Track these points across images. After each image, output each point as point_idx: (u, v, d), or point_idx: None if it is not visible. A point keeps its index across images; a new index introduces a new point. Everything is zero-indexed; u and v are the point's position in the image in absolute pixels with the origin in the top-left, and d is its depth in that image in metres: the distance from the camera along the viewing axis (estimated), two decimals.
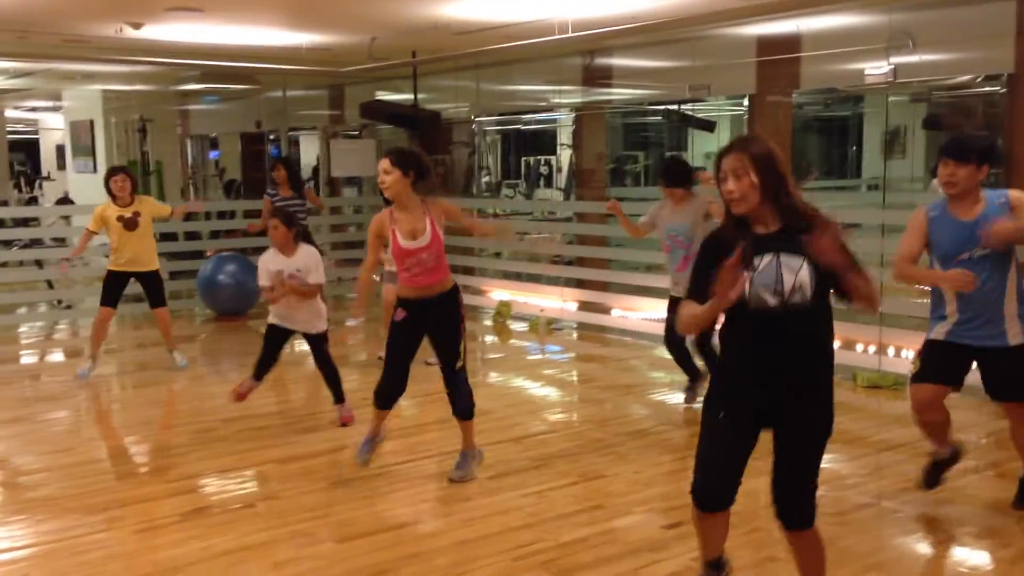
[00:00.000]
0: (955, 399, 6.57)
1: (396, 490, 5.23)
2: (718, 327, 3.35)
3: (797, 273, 3.08)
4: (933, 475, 4.93)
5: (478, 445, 5.36)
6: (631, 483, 5.25)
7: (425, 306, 5.04)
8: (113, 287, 7.87)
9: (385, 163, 4.91)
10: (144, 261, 7.79)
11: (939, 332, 4.54)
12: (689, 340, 6.51)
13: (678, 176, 6.52)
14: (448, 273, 5.08)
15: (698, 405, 6.63)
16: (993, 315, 4.35)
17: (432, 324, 5.10)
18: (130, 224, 7.68)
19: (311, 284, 6.09)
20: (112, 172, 7.92)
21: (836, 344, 3.34)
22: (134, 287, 8.00)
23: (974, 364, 4.57)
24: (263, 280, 6.07)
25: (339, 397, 6.41)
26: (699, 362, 6.60)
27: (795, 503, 3.33)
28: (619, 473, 5.40)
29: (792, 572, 3.89)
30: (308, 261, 6.13)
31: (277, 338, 6.27)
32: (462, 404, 5.18)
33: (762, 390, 3.23)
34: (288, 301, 6.06)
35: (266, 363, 6.31)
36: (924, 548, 4.48)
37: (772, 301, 3.10)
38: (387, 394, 5.19)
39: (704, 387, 6.58)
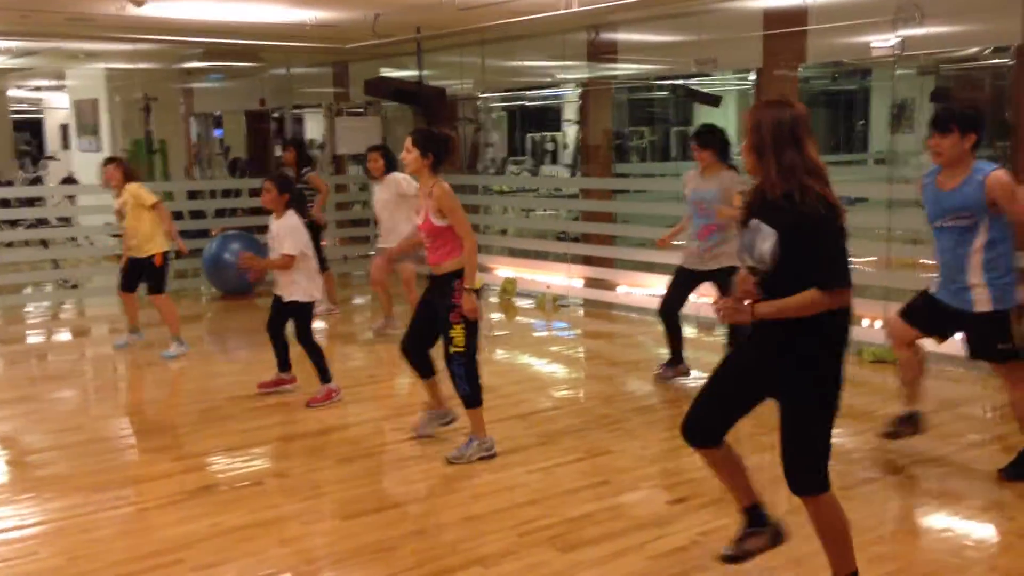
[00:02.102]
0: (961, 373, 6.60)
1: (403, 467, 5.25)
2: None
3: (765, 241, 3.24)
4: (893, 429, 5.22)
5: (488, 435, 5.30)
6: (637, 459, 5.26)
7: (431, 282, 5.28)
8: (126, 271, 7.89)
9: (408, 142, 5.15)
10: (138, 247, 7.70)
11: (932, 285, 4.97)
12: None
13: (707, 139, 6.49)
14: (446, 259, 5.11)
15: (671, 382, 6.75)
16: (960, 281, 4.69)
17: (433, 302, 5.24)
18: (119, 214, 7.82)
19: (282, 254, 6.19)
20: (105, 161, 7.99)
21: None
22: None
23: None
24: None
25: (323, 376, 6.38)
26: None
27: (788, 468, 3.40)
28: (625, 449, 5.41)
29: (798, 547, 3.91)
30: (280, 229, 6.24)
31: (274, 306, 6.41)
32: (458, 391, 5.23)
33: (753, 345, 3.45)
34: (270, 266, 6.32)
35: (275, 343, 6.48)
36: (929, 522, 4.48)
37: (748, 262, 3.35)
38: (404, 353, 5.49)
39: (679, 371, 6.75)
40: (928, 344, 5.79)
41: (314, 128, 15.74)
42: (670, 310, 6.71)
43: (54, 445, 5.70)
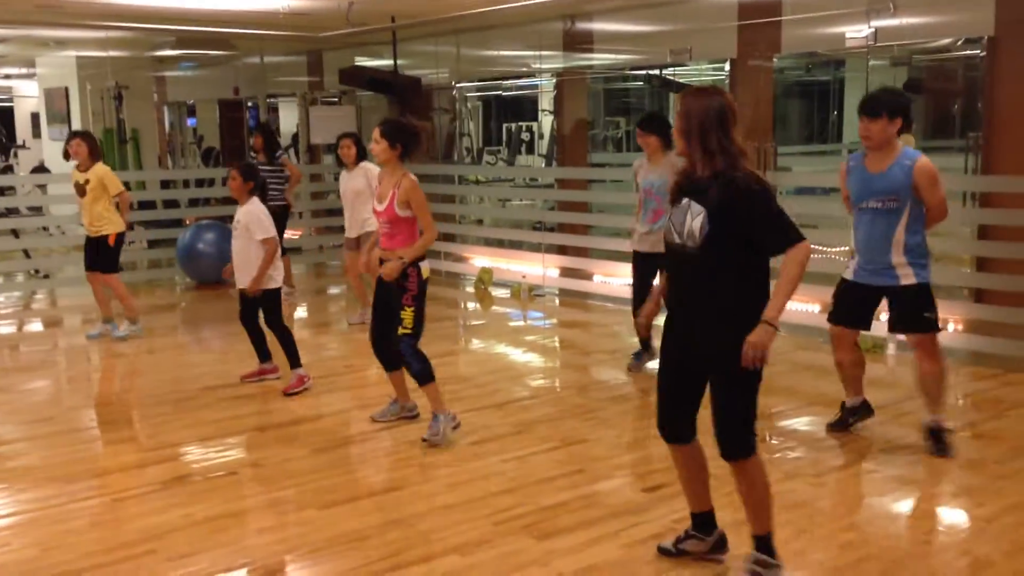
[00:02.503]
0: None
1: (378, 456, 5.25)
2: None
3: (694, 219, 3.42)
4: (841, 420, 5.41)
5: (449, 410, 5.42)
6: (611, 447, 5.28)
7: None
8: (85, 250, 7.97)
9: (376, 132, 5.31)
10: (93, 227, 7.77)
11: (848, 272, 5.15)
12: None
13: (652, 125, 6.54)
14: (399, 246, 5.27)
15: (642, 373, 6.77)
16: (884, 259, 4.92)
17: (384, 286, 5.38)
18: (80, 190, 7.74)
19: (262, 241, 6.19)
20: (69, 136, 7.94)
21: (812, 308, 3.57)
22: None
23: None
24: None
25: (293, 362, 6.41)
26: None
27: (721, 435, 3.56)
28: (600, 438, 5.43)
29: (784, 536, 3.95)
30: (245, 217, 6.24)
31: (242, 297, 6.43)
32: (409, 370, 5.34)
33: (680, 327, 3.60)
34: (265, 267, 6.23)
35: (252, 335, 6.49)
36: (901, 508, 4.53)
37: (676, 239, 3.51)
38: (373, 348, 5.60)
39: (649, 361, 6.75)
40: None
41: (288, 117, 15.65)
42: (642, 302, 6.72)
43: (26, 436, 5.65)
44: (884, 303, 5.14)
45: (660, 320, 3.85)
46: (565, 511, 4.37)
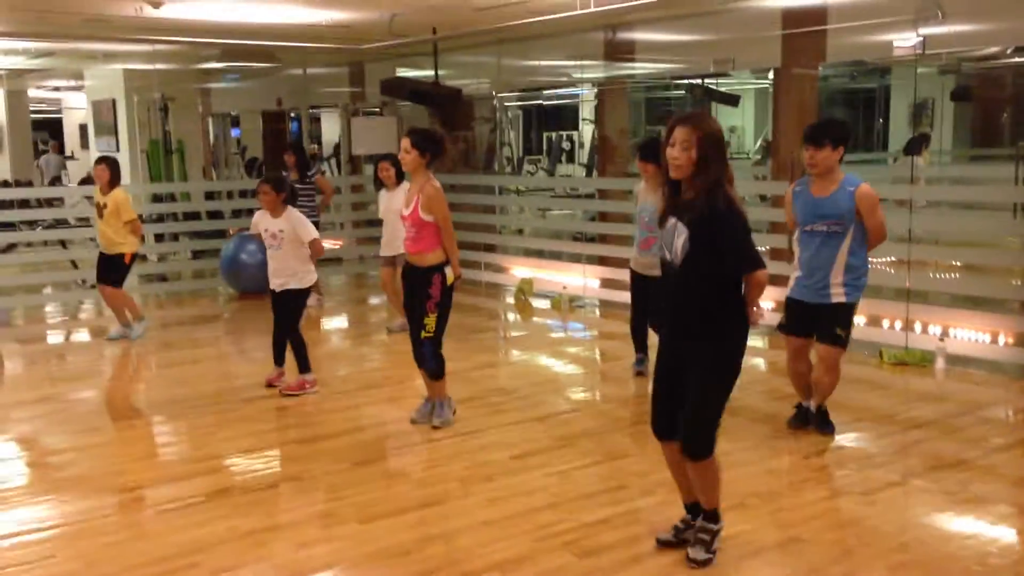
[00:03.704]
0: (984, 376, 6.54)
1: (418, 470, 5.23)
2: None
3: (678, 238, 3.70)
4: (796, 419, 5.68)
5: (449, 397, 5.83)
6: (654, 462, 5.18)
7: (409, 272, 5.67)
8: (98, 264, 8.43)
9: (406, 142, 5.52)
10: (109, 246, 8.24)
11: (789, 289, 5.47)
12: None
13: (653, 152, 6.49)
14: (429, 251, 5.53)
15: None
16: (822, 278, 5.24)
17: (410, 290, 5.66)
18: (99, 211, 8.23)
19: (311, 242, 6.53)
20: (96, 161, 8.35)
21: (860, 320, 3.79)
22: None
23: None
24: (252, 231, 6.84)
25: (303, 366, 6.65)
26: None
27: (690, 437, 3.84)
28: (643, 452, 5.36)
29: (816, 555, 3.88)
30: (293, 224, 6.51)
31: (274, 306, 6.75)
32: (425, 366, 5.70)
33: (669, 333, 3.96)
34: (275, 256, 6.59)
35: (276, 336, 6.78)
36: (953, 528, 4.42)
37: (667, 255, 3.81)
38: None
39: (645, 367, 6.83)
40: (952, 347, 6.02)
41: (330, 128, 15.77)
42: (643, 316, 6.91)
43: (73, 446, 5.70)
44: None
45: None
46: (607, 528, 4.32)
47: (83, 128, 18.86)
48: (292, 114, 15.59)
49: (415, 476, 5.14)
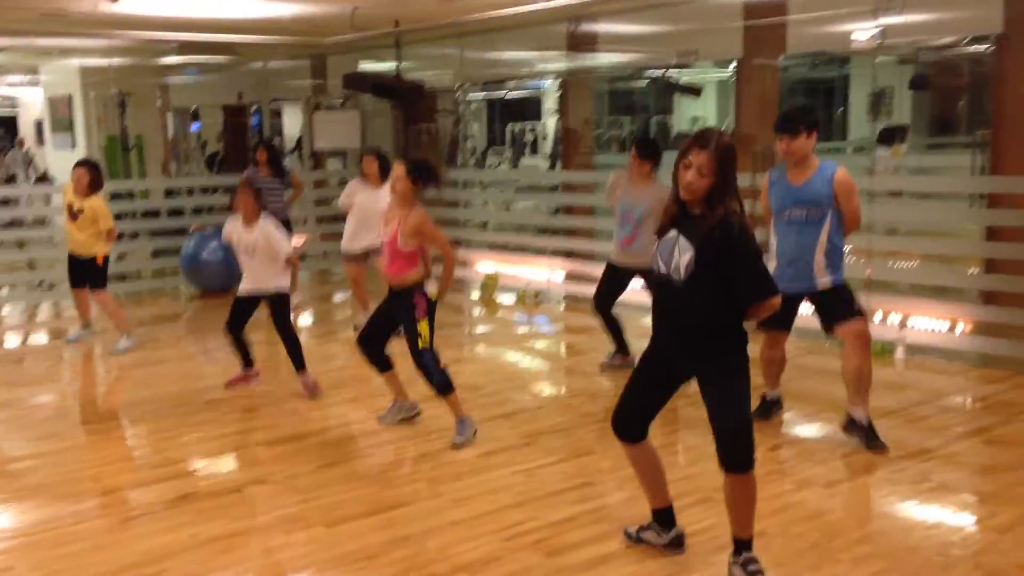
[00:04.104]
0: (944, 365, 6.61)
1: (385, 471, 5.20)
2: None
3: (682, 255, 3.55)
4: (761, 410, 5.64)
5: (469, 415, 5.55)
6: (620, 458, 5.14)
7: (391, 295, 5.59)
8: (70, 267, 8.17)
9: (400, 171, 5.48)
10: (81, 249, 8.00)
11: None
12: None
13: (651, 150, 6.54)
14: (405, 273, 5.45)
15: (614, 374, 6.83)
16: (803, 266, 5.18)
17: (394, 310, 5.57)
18: (71, 214, 7.92)
19: (289, 254, 6.40)
20: (78, 163, 8.07)
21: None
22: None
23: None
24: (224, 239, 6.69)
25: (299, 364, 6.56)
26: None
27: (728, 448, 3.65)
28: (609, 448, 5.33)
29: (782, 548, 3.90)
30: (267, 238, 6.36)
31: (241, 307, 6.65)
32: (431, 381, 5.45)
33: (663, 343, 3.77)
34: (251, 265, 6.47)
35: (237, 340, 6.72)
36: (916, 517, 4.47)
37: (662, 269, 3.64)
38: (360, 349, 5.75)
39: (623, 361, 6.84)
40: (911, 336, 6.08)
41: (293, 122, 15.62)
42: (603, 304, 6.95)
43: (32, 453, 5.60)
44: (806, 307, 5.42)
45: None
46: (574, 526, 4.32)
47: (39, 124, 18.54)
48: (253, 108, 15.42)
49: (382, 477, 5.10)
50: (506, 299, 10.07)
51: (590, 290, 9.67)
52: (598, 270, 9.74)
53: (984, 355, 6.97)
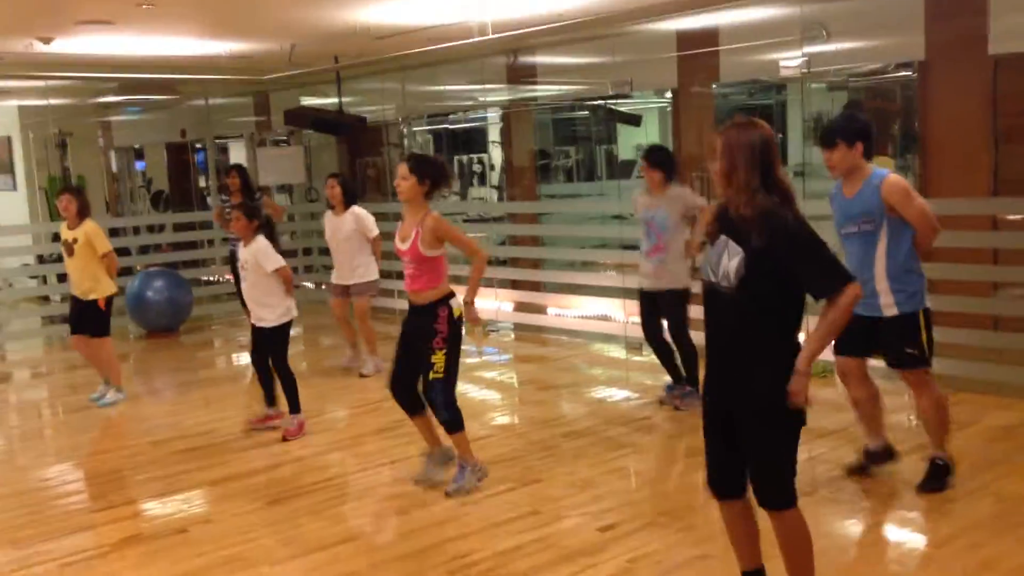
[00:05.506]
0: (882, 385, 6.72)
1: (330, 507, 5.17)
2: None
3: (731, 259, 3.25)
4: (861, 465, 5.19)
5: (479, 460, 5.28)
6: (566, 486, 5.26)
7: (410, 311, 5.17)
8: (70, 311, 7.64)
9: (403, 169, 5.04)
10: (81, 289, 7.44)
11: None
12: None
13: (658, 158, 6.54)
14: (430, 287, 5.06)
15: (677, 408, 6.62)
16: (868, 287, 4.67)
17: (412, 331, 5.14)
18: (68, 249, 7.43)
19: (276, 271, 6.24)
20: (59, 191, 7.67)
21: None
22: None
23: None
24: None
25: (294, 406, 6.38)
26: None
27: (759, 484, 3.40)
28: (556, 476, 5.41)
29: (726, 572, 3.95)
30: (256, 253, 6.26)
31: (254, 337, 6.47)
32: (438, 417, 5.14)
33: (713, 361, 3.43)
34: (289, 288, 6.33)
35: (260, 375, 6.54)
36: (854, 536, 4.56)
37: (712, 277, 3.34)
38: (393, 395, 5.30)
39: (684, 392, 6.60)
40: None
41: (238, 158, 15.56)
42: (652, 335, 6.67)
43: None
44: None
45: None
46: (520, 555, 4.35)
47: None
48: (197, 145, 15.34)
49: (328, 513, 5.08)
50: None
51: (538, 319, 9.82)
52: (546, 299, 9.89)
53: None
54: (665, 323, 6.59)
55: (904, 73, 7.69)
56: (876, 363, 5.17)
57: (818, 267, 3.23)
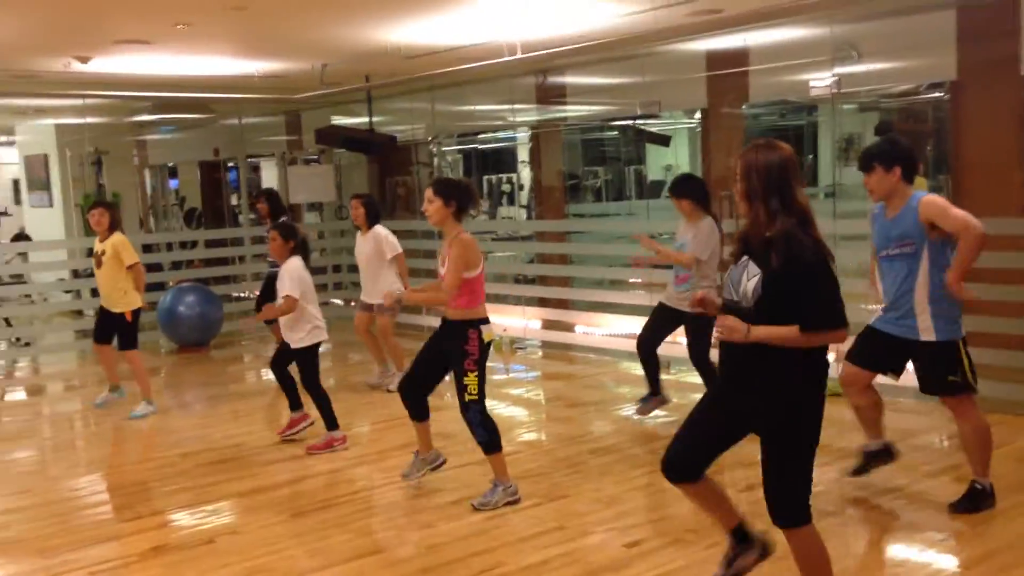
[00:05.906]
0: (911, 404, 6.66)
1: (357, 520, 5.19)
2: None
3: (749, 280, 3.34)
4: (861, 466, 5.26)
5: (511, 481, 5.27)
6: (593, 502, 5.25)
7: (443, 327, 5.27)
8: (96, 321, 7.83)
9: (428, 192, 5.14)
10: (109, 300, 7.59)
11: (873, 319, 5.03)
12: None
13: (681, 189, 6.53)
14: (461, 307, 5.12)
15: (648, 418, 6.75)
16: (906, 309, 4.77)
17: (446, 349, 5.23)
18: (97, 260, 7.59)
19: (284, 297, 6.30)
20: (91, 206, 7.85)
21: None
22: None
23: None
24: None
25: (330, 423, 6.44)
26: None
27: (771, 501, 3.42)
28: (582, 492, 5.40)
29: None
30: (281, 273, 6.38)
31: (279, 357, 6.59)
32: (476, 438, 5.19)
33: (730, 383, 3.51)
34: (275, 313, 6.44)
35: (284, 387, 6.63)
36: (884, 556, 4.52)
37: (733, 296, 3.42)
38: (402, 394, 5.40)
39: (658, 405, 6.68)
40: (880, 377, 5.95)
41: (269, 177, 15.73)
42: (648, 345, 6.71)
43: (5, 509, 5.58)
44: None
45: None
46: (547, 569, 4.34)
47: (15, 183, 18.56)
48: (230, 164, 15.52)
49: (354, 525, 5.10)
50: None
51: (566, 337, 9.83)
52: (574, 317, 9.90)
53: None
54: (686, 346, 6.57)
55: (936, 94, 7.67)
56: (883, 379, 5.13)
57: (820, 301, 3.28)
